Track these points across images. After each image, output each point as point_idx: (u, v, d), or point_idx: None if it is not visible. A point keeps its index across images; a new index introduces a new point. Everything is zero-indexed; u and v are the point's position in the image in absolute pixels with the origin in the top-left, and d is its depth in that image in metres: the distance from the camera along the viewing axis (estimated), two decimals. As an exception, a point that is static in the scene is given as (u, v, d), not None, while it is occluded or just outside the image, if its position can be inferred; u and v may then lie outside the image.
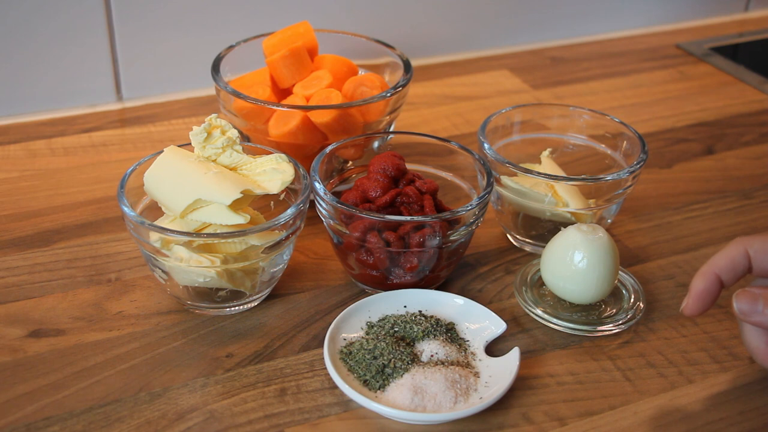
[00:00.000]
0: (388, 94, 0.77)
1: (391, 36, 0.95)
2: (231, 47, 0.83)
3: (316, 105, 0.75)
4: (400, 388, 0.59)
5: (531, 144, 0.81)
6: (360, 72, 0.83)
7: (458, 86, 1.05)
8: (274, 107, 0.74)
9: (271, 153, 0.66)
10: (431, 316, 0.65)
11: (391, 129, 0.81)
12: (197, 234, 0.62)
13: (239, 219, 0.62)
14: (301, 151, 0.75)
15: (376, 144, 0.78)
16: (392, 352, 0.61)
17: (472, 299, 0.67)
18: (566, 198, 0.72)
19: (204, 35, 0.97)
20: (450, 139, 0.78)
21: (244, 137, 0.78)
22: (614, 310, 0.68)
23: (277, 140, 0.75)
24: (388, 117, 0.79)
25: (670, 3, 1.25)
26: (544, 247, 0.69)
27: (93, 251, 0.73)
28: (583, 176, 0.76)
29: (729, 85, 1.08)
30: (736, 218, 0.82)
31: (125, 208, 0.63)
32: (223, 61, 0.80)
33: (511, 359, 0.61)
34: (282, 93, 0.80)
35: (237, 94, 0.75)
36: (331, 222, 0.67)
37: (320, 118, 0.73)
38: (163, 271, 0.65)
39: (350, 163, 0.76)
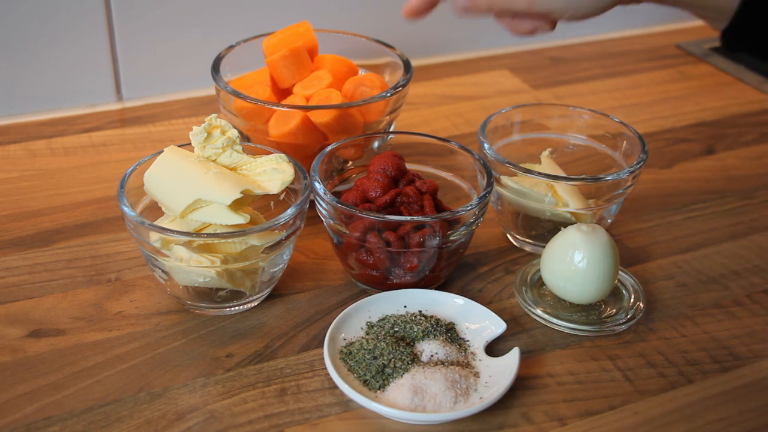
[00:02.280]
0: (388, 94, 0.77)
1: (391, 36, 0.95)
2: (231, 47, 0.83)
3: (316, 105, 0.75)
4: (400, 388, 0.59)
5: (531, 144, 0.81)
6: (360, 72, 0.83)
7: (458, 86, 1.05)
8: (274, 107, 0.74)
9: (271, 153, 0.66)
10: (431, 316, 0.65)
11: (391, 129, 0.81)
12: (197, 234, 0.62)
13: (239, 219, 0.62)
14: (301, 151, 0.75)
15: (376, 144, 0.78)
16: (392, 352, 0.61)
17: (472, 299, 0.67)
18: (566, 198, 0.72)
19: (204, 35, 0.97)
20: (450, 139, 0.78)
21: (244, 137, 0.78)
22: (614, 310, 0.68)
23: (277, 140, 0.75)
24: (388, 117, 0.79)
25: (670, 3, 1.24)
26: (544, 247, 0.69)
27: (93, 251, 0.73)
28: (583, 176, 0.76)
29: (729, 85, 1.08)
30: (736, 218, 0.82)
31: (125, 208, 0.63)
32: (223, 61, 0.80)
33: (511, 359, 0.61)
34: (282, 93, 0.80)
35: (237, 94, 0.75)
36: (331, 222, 0.67)
37: (320, 118, 0.73)
38: (163, 271, 0.65)
39: (350, 163, 0.76)
